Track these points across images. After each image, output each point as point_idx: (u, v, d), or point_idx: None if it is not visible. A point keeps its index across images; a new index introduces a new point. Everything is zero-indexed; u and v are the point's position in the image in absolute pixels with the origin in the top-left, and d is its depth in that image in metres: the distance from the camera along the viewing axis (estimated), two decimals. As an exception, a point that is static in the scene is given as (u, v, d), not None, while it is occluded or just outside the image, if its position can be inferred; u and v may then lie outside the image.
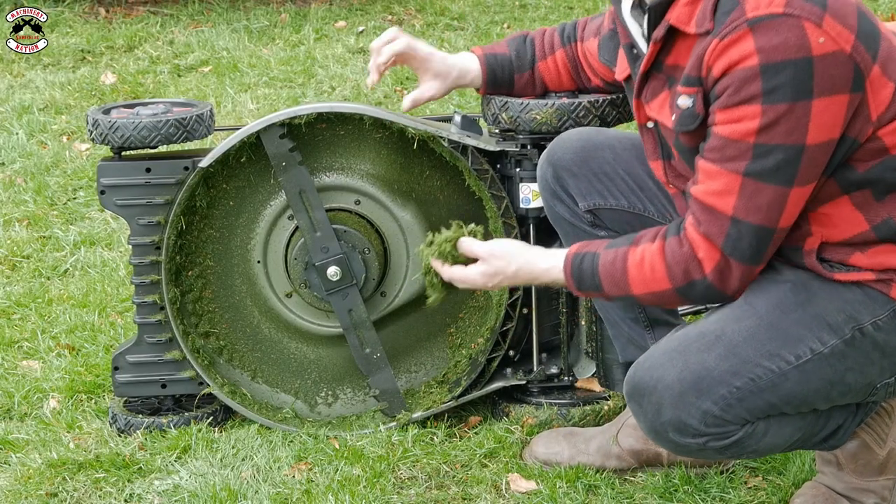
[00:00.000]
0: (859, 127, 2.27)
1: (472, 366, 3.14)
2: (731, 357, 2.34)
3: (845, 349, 2.36)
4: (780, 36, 2.19)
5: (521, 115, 2.97)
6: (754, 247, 2.31)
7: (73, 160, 5.01)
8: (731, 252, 2.32)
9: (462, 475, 2.92)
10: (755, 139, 2.24)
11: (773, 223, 2.30)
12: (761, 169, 2.25)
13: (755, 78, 2.20)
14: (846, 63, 2.21)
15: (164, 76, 6.09)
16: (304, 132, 3.06)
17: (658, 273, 2.39)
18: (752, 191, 2.27)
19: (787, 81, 2.20)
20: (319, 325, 3.18)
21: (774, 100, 2.21)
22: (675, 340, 2.41)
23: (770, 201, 2.27)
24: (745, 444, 2.40)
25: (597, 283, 2.46)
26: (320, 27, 6.81)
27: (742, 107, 2.23)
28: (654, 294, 2.42)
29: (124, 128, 3.02)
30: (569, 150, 2.80)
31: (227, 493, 2.81)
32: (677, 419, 2.36)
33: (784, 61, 2.19)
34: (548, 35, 2.99)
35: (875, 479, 2.64)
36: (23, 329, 3.69)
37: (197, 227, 3.13)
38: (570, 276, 2.49)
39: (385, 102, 5.65)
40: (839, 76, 2.21)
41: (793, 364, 2.35)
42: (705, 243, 2.34)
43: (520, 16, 7.09)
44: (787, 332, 2.35)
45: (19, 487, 2.88)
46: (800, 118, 2.21)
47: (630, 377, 2.42)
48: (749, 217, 2.29)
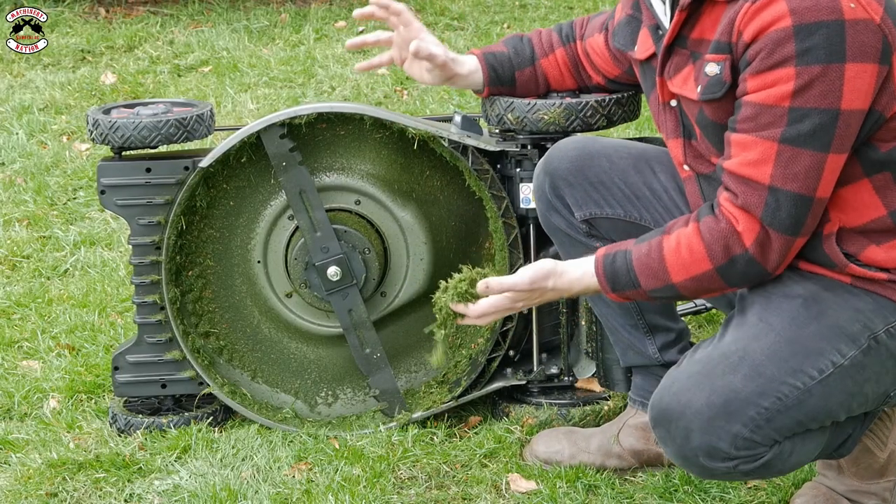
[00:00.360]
0: (886, 101, 2.27)
1: (473, 366, 3.14)
2: (756, 377, 2.31)
3: (864, 359, 2.34)
4: None
5: (528, 115, 2.96)
6: (794, 216, 2.28)
7: (73, 160, 5.01)
8: (770, 222, 2.29)
9: (462, 475, 2.92)
10: (790, 103, 2.23)
11: (812, 191, 2.27)
12: (797, 134, 2.24)
13: (788, 39, 2.20)
14: (876, 32, 2.21)
15: (164, 76, 6.09)
16: (304, 132, 3.06)
17: (697, 254, 2.34)
18: (788, 157, 2.25)
19: (820, 42, 2.19)
20: (319, 325, 3.18)
21: (808, 61, 2.20)
22: (698, 363, 2.36)
23: (808, 168, 2.25)
24: (773, 464, 2.36)
25: (633, 278, 2.40)
26: (320, 27, 6.81)
27: (776, 70, 2.22)
28: (694, 279, 2.36)
29: (124, 128, 3.02)
30: (565, 159, 2.78)
31: (227, 493, 2.81)
32: (707, 444, 2.31)
33: (817, 22, 2.18)
34: (545, 35, 2.99)
35: (876, 481, 2.64)
36: (23, 329, 3.69)
37: (197, 227, 3.13)
38: (603, 277, 2.43)
39: (385, 102, 5.65)
40: (869, 44, 2.21)
41: (816, 379, 2.32)
42: (744, 215, 2.30)
43: (520, 16, 7.09)
44: (808, 347, 2.33)
45: (19, 487, 2.88)
46: (833, 81, 2.20)
47: (656, 403, 2.36)
48: (787, 185, 2.26)
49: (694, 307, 3.41)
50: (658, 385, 2.40)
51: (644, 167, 2.76)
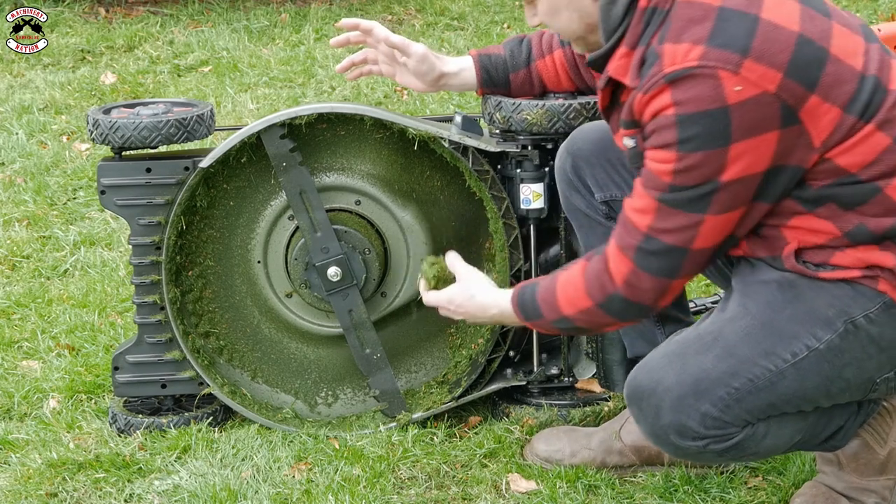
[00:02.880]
0: (802, 154, 2.29)
1: (473, 366, 3.14)
2: (728, 358, 2.36)
3: (840, 343, 2.36)
4: (695, 89, 2.23)
5: (513, 115, 2.97)
6: (667, 263, 2.35)
7: (73, 160, 5.01)
8: (640, 264, 2.36)
9: (462, 475, 2.92)
10: (671, 179, 2.29)
11: (687, 244, 2.33)
12: (674, 199, 2.30)
13: (672, 126, 2.25)
14: (771, 103, 2.23)
15: (164, 76, 6.09)
16: (304, 132, 3.06)
17: (579, 290, 2.44)
18: (665, 214, 2.32)
19: (701, 132, 2.24)
20: (319, 325, 3.18)
21: (689, 148, 2.25)
22: (673, 344, 2.43)
23: (683, 225, 2.32)
24: (746, 445, 2.40)
25: (537, 309, 2.52)
26: (320, 27, 6.81)
27: (662, 150, 2.29)
28: (582, 312, 2.45)
29: (125, 128, 3.02)
30: (588, 140, 2.83)
31: (227, 493, 2.81)
32: (677, 422, 2.37)
33: (698, 112, 2.23)
34: (546, 36, 2.99)
35: (876, 478, 2.64)
36: (23, 329, 3.69)
37: (197, 227, 3.13)
38: (517, 308, 2.56)
39: (385, 102, 5.65)
40: (762, 117, 2.24)
41: (789, 362, 2.35)
42: (618, 255, 2.38)
43: (520, 16, 7.09)
44: (782, 330, 2.36)
45: (19, 487, 2.88)
46: (714, 163, 2.26)
47: (630, 381, 2.43)
48: (661, 236, 2.33)
49: (694, 307, 3.41)
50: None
51: None
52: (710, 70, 2.22)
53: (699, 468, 2.87)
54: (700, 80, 2.22)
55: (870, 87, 2.28)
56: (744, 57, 2.22)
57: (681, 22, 2.27)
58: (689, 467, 2.87)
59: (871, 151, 2.29)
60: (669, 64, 2.25)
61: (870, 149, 2.29)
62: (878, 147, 2.29)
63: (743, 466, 2.88)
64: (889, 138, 2.29)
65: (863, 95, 2.27)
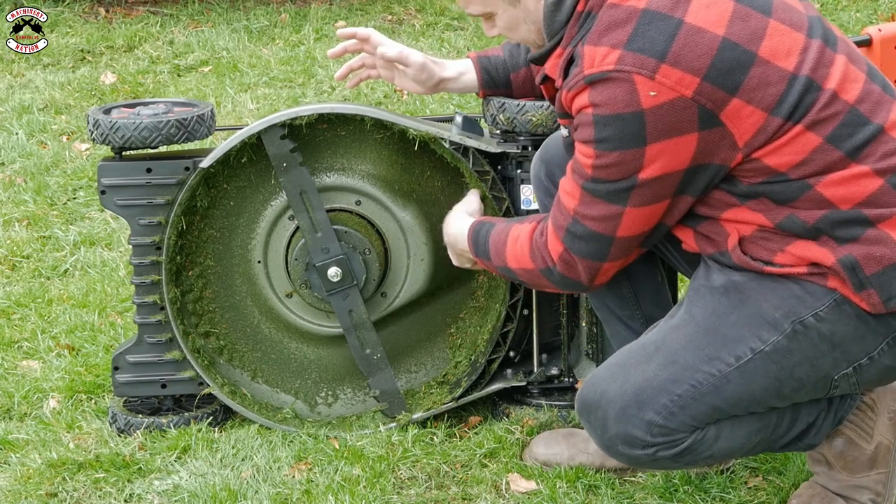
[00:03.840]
0: (725, 154, 2.30)
1: (473, 367, 3.14)
2: (670, 366, 2.38)
3: (788, 344, 2.36)
4: (610, 91, 2.28)
5: (518, 116, 2.98)
6: (594, 248, 2.42)
7: (73, 160, 5.01)
8: (570, 246, 2.44)
9: (462, 475, 2.92)
10: (591, 172, 2.35)
11: (611, 232, 2.39)
12: (595, 189, 2.36)
13: (590, 125, 2.32)
14: (688, 107, 2.26)
15: (164, 76, 6.09)
16: (304, 133, 3.06)
17: (524, 251, 2.54)
18: (588, 201, 2.38)
19: (615, 134, 2.29)
20: (320, 325, 3.18)
21: (605, 148, 2.31)
22: (618, 355, 2.47)
23: (605, 215, 2.38)
24: (698, 450, 2.41)
25: (486, 251, 2.63)
26: (320, 27, 6.81)
27: (582, 145, 2.35)
28: (525, 271, 2.55)
29: (125, 128, 3.02)
30: (560, 146, 2.81)
31: (227, 493, 2.81)
32: (623, 432, 2.39)
33: (613, 115, 2.28)
34: None
35: (866, 474, 2.63)
36: (23, 329, 3.69)
37: (197, 227, 3.13)
38: (470, 241, 2.69)
39: (385, 103, 5.65)
40: (679, 121, 2.27)
41: (733, 366, 2.36)
42: (552, 234, 2.47)
43: (520, 16, 7.08)
44: (726, 335, 2.37)
45: (19, 487, 2.88)
46: (629, 163, 2.31)
47: (578, 395, 2.48)
48: (585, 222, 2.40)
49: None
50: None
51: None
52: (625, 74, 2.26)
53: (699, 468, 2.87)
54: (615, 84, 2.27)
55: (800, 87, 2.28)
56: (660, 62, 2.25)
57: (603, 25, 2.31)
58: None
59: (800, 151, 2.30)
60: (588, 66, 2.30)
61: (799, 149, 2.29)
62: (807, 147, 2.29)
63: (743, 466, 2.88)
64: (820, 138, 2.29)
65: (790, 97, 2.28)
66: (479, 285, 3.19)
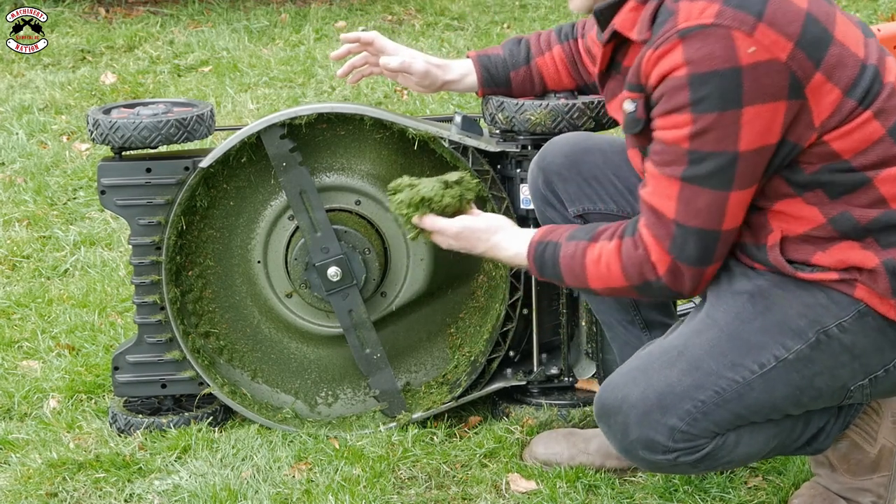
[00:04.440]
0: (801, 132, 2.28)
1: (473, 366, 3.14)
2: (693, 371, 2.35)
3: (811, 353, 2.35)
4: (708, 47, 2.21)
5: (516, 115, 2.98)
6: (700, 249, 2.33)
7: (73, 160, 5.01)
8: (678, 255, 2.34)
9: (462, 475, 2.92)
10: (688, 145, 2.26)
11: (717, 225, 2.32)
12: (696, 174, 2.28)
13: (683, 88, 2.23)
14: (781, 71, 2.22)
15: (164, 76, 6.10)
16: (304, 132, 3.06)
17: (614, 272, 2.41)
18: (689, 195, 2.30)
19: (713, 92, 2.22)
20: (319, 325, 3.18)
21: (702, 109, 2.23)
22: (638, 359, 2.43)
23: (709, 205, 2.30)
24: (718, 455, 2.40)
25: (558, 273, 2.50)
26: (320, 27, 6.81)
27: (675, 115, 2.26)
28: (612, 289, 2.44)
29: (125, 128, 3.02)
30: (559, 154, 2.80)
31: (227, 493, 2.81)
32: (645, 437, 2.36)
33: (710, 72, 2.21)
34: (543, 35, 3.00)
35: (869, 477, 2.63)
36: (23, 329, 3.69)
37: (197, 227, 3.13)
38: (532, 264, 2.54)
39: (385, 102, 5.65)
40: (773, 84, 2.23)
41: (757, 373, 2.35)
42: (656, 246, 2.36)
43: (520, 16, 7.09)
44: (749, 341, 2.35)
45: (19, 487, 2.88)
46: (729, 126, 2.24)
47: (597, 399, 2.44)
48: (690, 221, 2.31)
49: (693, 306, 3.41)
50: None
51: None
52: (724, 30, 2.20)
53: None
54: (713, 38, 2.21)
55: (870, 74, 2.28)
56: (758, 20, 2.21)
57: None
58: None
59: (865, 139, 2.29)
60: (684, 19, 2.23)
61: (865, 136, 2.29)
62: (872, 135, 2.29)
63: (742, 466, 2.88)
64: (883, 129, 2.29)
65: (863, 82, 2.27)
66: (478, 285, 3.19)
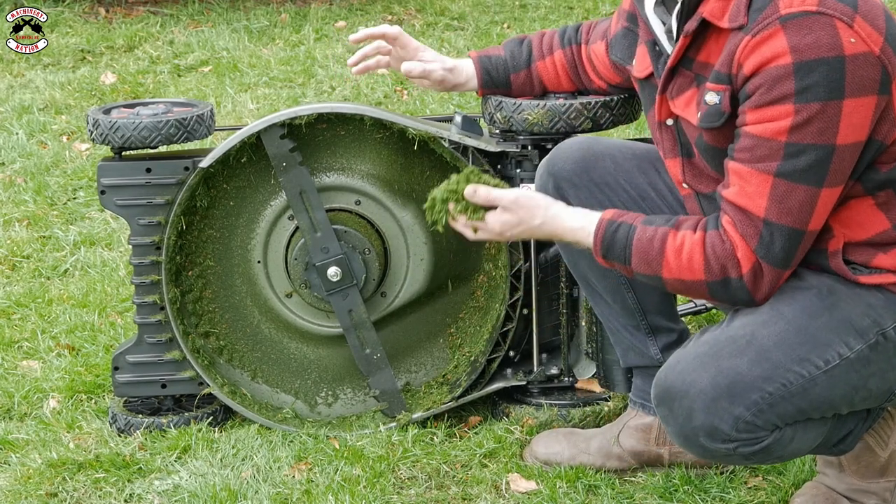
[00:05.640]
0: (885, 130, 2.28)
1: (473, 366, 3.14)
2: (763, 362, 2.33)
3: (870, 354, 2.36)
4: (813, 34, 2.19)
5: (514, 115, 2.98)
6: (785, 250, 2.31)
7: (73, 160, 5.01)
8: (764, 255, 2.32)
9: (462, 475, 2.92)
10: (787, 138, 2.23)
11: (804, 225, 2.30)
12: (792, 169, 2.25)
13: (788, 77, 2.20)
14: (875, 64, 2.21)
15: (164, 76, 6.09)
16: (304, 132, 3.06)
17: (696, 264, 2.36)
18: (783, 192, 2.27)
19: (820, 80, 2.19)
20: (319, 325, 3.18)
21: (807, 99, 2.20)
22: (705, 345, 2.38)
23: (801, 203, 2.27)
24: (773, 449, 2.38)
25: (627, 255, 2.42)
26: (320, 27, 6.81)
27: (774, 106, 2.23)
28: (683, 282, 2.39)
29: (125, 128, 3.02)
30: (569, 160, 2.78)
31: (227, 493, 2.81)
32: (709, 424, 2.33)
33: (817, 59, 2.19)
34: (546, 37, 2.99)
35: (876, 480, 2.64)
36: (23, 329, 3.69)
37: (197, 227, 3.13)
38: (599, 241, 2.45)
39: (385, 102, 5.65)
40: (868, 77, 2.21)
41: (822, 369, 2.34)
42: (742, 244, 2.33)
43: (520, 16, 7.09)
44: (816, 337, 2.34)
45: (19, 487, 2.88)
46: (831, 118, 2.21)
47: (660, 381, 2.38)
48: (781, 219, 2.28)
49: (694, 307, 3.41)
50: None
51: (648, 168, 2.76)
52: (827, 17, 2.19)
53: (700, 468, 2.86)
54: (819, 25, 2.19)
55: None
56: (855, 12, 2.20)
57: None
58: (689, 467, 2.87)
59: None
60: (786, 6, 2.21)
61: None
62: None
63: (743, 466, 2.88)
64: None
65: None
66: (478, 285, 3.19)
